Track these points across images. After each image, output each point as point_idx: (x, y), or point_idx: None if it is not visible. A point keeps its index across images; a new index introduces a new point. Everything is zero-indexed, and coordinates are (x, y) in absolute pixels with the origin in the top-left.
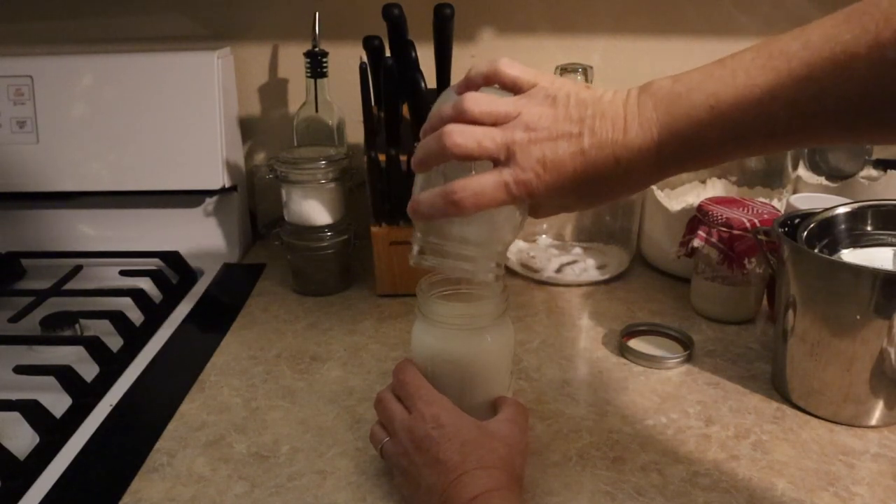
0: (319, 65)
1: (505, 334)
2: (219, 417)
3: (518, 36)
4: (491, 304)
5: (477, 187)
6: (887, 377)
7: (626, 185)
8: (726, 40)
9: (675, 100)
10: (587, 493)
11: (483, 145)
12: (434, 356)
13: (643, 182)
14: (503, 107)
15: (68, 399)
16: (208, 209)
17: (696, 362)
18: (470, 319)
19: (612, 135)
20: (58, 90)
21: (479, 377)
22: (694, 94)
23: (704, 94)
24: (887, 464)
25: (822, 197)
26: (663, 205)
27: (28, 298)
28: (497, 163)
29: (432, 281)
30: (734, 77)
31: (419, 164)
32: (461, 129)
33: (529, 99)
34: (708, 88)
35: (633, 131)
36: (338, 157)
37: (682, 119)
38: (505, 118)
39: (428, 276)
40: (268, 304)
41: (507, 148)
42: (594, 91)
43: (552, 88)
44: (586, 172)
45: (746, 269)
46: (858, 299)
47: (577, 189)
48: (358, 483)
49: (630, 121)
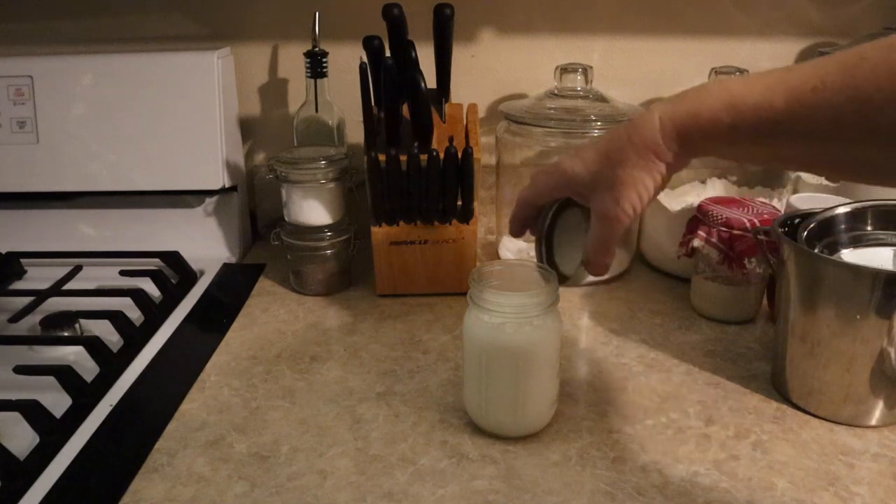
0: (319, 65)
1: (555, 323)
2: (219, 417)
3: (518, 36)
4: (543, 294)
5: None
6: (887, 377)
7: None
8: (726, 40)
9: (697, 86)
10: (587, 493)
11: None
12: (487, 345)
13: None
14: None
15: (68, 399)
16: (208, 209)
17: (696, 362)
18: (524, 309)
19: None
20: (58, 90)
21: (531, 366)
22: (711, 84)
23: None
24: (887, 464)
25: (822, 197)
26: (663, 205)
27: (28, 298)
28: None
29: (484, 271)
30: (759, 74)
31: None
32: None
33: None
34: (725, 82)
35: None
36: (338, 157)
37: (695, 98)
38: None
39: (479, 266)
40: (268, 304)
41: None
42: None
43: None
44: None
45: (746, 269)
46: (858, 299)
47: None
48: (358, 483)
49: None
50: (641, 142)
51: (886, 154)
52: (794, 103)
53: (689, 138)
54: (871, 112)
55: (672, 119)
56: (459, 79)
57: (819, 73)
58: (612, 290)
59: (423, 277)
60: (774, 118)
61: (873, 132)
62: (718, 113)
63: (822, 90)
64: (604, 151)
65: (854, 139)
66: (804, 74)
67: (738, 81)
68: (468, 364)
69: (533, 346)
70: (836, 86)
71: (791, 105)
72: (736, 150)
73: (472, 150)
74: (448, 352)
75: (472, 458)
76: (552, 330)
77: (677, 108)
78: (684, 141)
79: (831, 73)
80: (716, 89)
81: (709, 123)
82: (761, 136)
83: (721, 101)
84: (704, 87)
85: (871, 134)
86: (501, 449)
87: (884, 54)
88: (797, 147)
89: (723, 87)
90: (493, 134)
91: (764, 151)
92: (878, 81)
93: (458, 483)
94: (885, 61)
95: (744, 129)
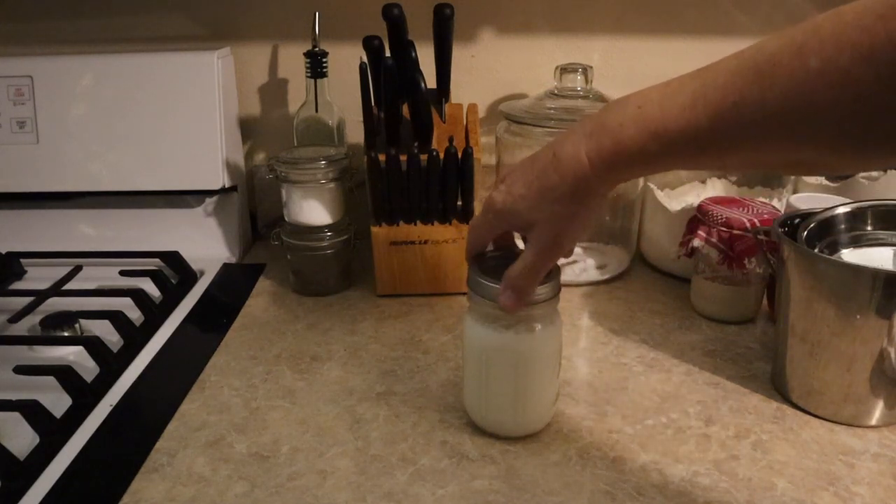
0: (319, 65)
1: (555, 323)
2: (219, 417)
3: (518, 36)
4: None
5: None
6: (887, 377)
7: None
8: (726, 40)
9: (608, 110)
10: (587, 493)
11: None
12: (487, 345)
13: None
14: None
15: (68, 399)
16: (208, 209)
17: (696, 362)
18: (523, 311)
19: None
20: (58, 90)
21: (531, 366)
22: (629, 99)
23: (636, 97)
24: (887, 464)
25: (822, 197)
26: (663, 205)
27: (28, 298)
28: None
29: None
30: (667, 85)
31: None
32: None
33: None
34: (641, 93)
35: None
36: (338, 157)
37: (615, 130)
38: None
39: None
40: (268, 304)
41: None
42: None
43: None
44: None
45: (746, 269)
46: (858, 299)
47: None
48: (358, 483)
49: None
50: (574, 181)
51: (821, 153)
52: (717, 121)
53: (618, 170)
54: (795, 120)
55: (599, 156)
56: (459, 79)
57: (737, 85)
58: (612, 290)
59: (423, 277)
60: (703, 139)
61: (803, 138)
62: (644, 144)
63: (742, 105)
64: (536, 189)
65: (788, 145)
66: (722, 88)
67: (653, 103)
68: (468, 364)
69: (533, 345)
70: (755, 99)
71: (715, 123)
72: (673, 167)
73: (472, 150)
74: (448, 352)
75: (472, 458)
76: (552, 330)
77: (601, 145)
78: (617, 172)
79: (748, 83)
80: (632, 115)
81: (639, 154)
82: (692, 156)
83: (642, 131)
84: (622, 111)
85: (802, 140)
86: (501, 449)
87: (797, 61)
88: (730, 157)
89: (639, 113)
90: (493, 134)
91: (696, 165)
92: (797, 89)
93: (458, 483)
94: (801, 67)
95: (674, 152)
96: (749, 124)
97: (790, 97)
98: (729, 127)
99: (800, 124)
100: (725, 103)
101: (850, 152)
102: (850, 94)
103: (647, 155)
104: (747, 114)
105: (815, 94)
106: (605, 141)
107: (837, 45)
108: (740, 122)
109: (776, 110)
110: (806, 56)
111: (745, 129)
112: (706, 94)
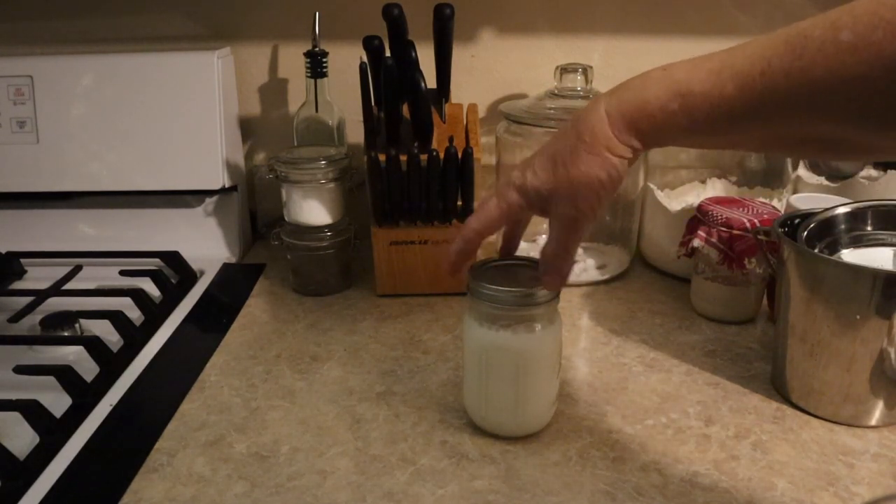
0: (319, 65)
1: (555, 323)
2: (219, 417)
3: (518, 36)
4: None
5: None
6: (887, 377)
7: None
8: (726, 40)
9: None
10: (587, 493)
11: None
12: (487, 345)
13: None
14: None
15: (68, 399)
16: (208, 209)
17: (696, 362)
18: (524, 306)
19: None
20: (58, 90)
21: (531, 366)
22: (653, 71)
23: (661, 66)
24: (887, 464)
25: (822, 197)
26: (663, 205)
27: (28, 298)
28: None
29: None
30: (694, 58)
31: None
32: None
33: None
34: (667, 64)
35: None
36: (338, 157)
37: (638, 87)
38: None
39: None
40: (268, 304)
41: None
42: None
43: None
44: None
45: (746, 269)
46: (858, 299)
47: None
48: (358, 483)
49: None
50: (592, 138)
51: (844, 129)
52: (743, 89)
53: (640, 130)
54: (821, 92)
55: (619, 110)
56: (459, 79)
57: (766, 55)
58: (612, 290)
59: (423, 277)
60: (726, 105)
61: (827, 112)
62: (667, 102)
63: (770, 73)
64: (554, 155)
65: (812, 119)
66: (750, 57)
67: (680, 67)
68: (468, 364)
69: (533, 345)
70: (783, 68)
71: (742, 91)
72: (692, 138)
73: (472, 150)
74: (448, 352)
75: (472, 458)
76: (552, 330)
77: (622, 99)
78: (637, 133)
79: (778, 54)
80: (657, 76)
81: (659, 112)
82: (716, 123)
83: (666, 90)
84: (646, 75)
85: (826, 113)
86: (501, 449)
87: (829, 34)
88: (755, 130)
89: (665, 74)
90: (493, 134)
91: (721, 139)
92: (825, 62)
93: (458, 483)
94: (832, 41)
95: (696, 116)
96: (775, 94)
97: (819, 69)
98: (755, 96)
99: (827, 96)
100: (753, 72)
101: (874, 127)
102: (880, 68)
103: (668, 116)
104: (774, 84)
105: (844, 67)
106: (626, 95)
107: (871, 22)
108: (767, 91)
109: (803, 81)
110: (839, 30)
111: (771, 100)
112: (734, 63)
